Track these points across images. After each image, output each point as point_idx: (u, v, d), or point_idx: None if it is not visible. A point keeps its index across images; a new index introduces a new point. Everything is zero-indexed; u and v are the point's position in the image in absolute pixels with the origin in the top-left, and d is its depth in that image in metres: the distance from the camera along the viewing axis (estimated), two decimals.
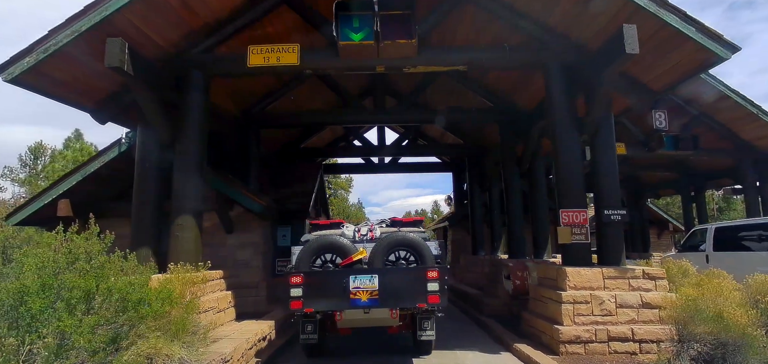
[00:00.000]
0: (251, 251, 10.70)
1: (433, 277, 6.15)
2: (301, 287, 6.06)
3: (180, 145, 7.72)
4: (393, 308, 6.23)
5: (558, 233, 7.60)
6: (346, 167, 20.82)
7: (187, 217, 7.50)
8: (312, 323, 6.45)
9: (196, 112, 7.86)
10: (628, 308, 6.85)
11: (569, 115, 7.97)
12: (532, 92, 10.64)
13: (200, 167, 7.81)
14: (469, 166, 16.26)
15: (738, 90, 12.36)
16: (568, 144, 7.86)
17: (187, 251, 7.39)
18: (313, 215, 13.39)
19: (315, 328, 6.48)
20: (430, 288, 6.12)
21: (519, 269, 9.16)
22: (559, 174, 7.94)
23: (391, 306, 6.18)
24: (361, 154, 18.00)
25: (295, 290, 6.04)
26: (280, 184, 12.94)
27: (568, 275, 6.99)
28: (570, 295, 6.85)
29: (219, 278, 7.85)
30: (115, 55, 6.33)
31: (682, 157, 15.98)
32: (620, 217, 7.72)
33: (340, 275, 6.19)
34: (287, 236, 11.81)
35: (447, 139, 17.28)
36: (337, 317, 6.40)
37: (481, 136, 15.32)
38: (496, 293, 10.55)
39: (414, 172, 20.69)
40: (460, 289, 13.53)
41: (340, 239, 6.65)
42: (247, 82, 10.87)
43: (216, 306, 7.26)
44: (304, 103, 13.81)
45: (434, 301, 6.13)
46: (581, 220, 7.60)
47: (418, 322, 6.61)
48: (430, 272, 6.18)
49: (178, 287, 6.28)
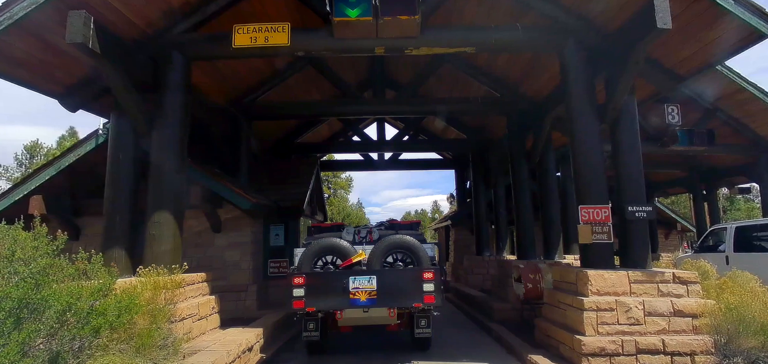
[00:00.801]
0: (241, 251, 9.94)
1: (429, 278, 6.43)
2: (304, 287, 6.36)
3: (158, 135, 6.96)
4: (391, 307, 6.53)
5: (578, 231, 6.83)
6: (345, 164, 20.06)
7: (164, 214, 6.74)
8: (314, 322, 6.72)
9: (176, 99, 7.10)
10: (658, 316, 6.08)
11: (588, 101, 7.20)
12: (543, 81, 9.89)
13: (180, 159, 7.05)
14: (472, 162, 15.50)
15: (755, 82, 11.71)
16: (588, 133, 7.09)
17: (164, 252, 6.64)
18: (308, 213, 12.63)
19: (317, 326, 6.76)
20: (425, 289, 6.40)
21: (531, 271, 8.40)
22: (577, 167, 7.18)
23: (389, 305, 6.50)
24: (360, 150, 17.27)
25: (297, 291, 6.34)
26: (274, 180, 12.18)
27: (591, 279, 6.22)
28: (593, 301, 6.09)
29: (201, 281, 7.09)
30: (78, 29, 5.57)
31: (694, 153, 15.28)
32: (646, 214, 6.96)
33: (340, 276, 6.50)
34: (281, 236, 11.05)
35: (449, 134, 16.52)
36: (338, 316, 6.69)
37: (486, 131, 14.57)
38: (504, 297, 9.79)
39: (415, 169, 20.00)
40: (464, 292, 12.77)
41: (340, 241, 7.09)
42: (237, 70, 10.11)
43: (196, 313, 6.50)
44: (299, 95, 13.07)
45: (430, 301, 6.41)
46: (603, 217, 6.83)
47: (416, 320, 6.87)
48: (426, 273, 6.47)
49: (148, 293, 5.54)
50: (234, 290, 9.66)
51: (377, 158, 18.58)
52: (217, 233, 9.93)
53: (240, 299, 9.63)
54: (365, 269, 6.68)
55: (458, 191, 19.31)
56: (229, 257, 9.86)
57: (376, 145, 16.33)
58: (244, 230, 10.01)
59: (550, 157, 10.74)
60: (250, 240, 10.00)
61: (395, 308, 6.57)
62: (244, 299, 9.65)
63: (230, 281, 9.73)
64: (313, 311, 6.41)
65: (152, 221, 6.70)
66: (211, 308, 7.10)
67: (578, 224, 6.86)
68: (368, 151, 17.24)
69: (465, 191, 19.21)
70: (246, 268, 9.87)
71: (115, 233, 6.74)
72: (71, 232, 9.69)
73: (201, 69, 9.32)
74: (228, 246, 9.91)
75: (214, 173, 9.36)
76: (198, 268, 9.56)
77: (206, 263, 9.76)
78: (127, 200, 6.86)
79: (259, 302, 9.92)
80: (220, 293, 9.44)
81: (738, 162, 15.47)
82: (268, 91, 11.24)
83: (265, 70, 10.82)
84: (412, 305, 6.48)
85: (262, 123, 13.42)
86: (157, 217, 6.70)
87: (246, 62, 9.95)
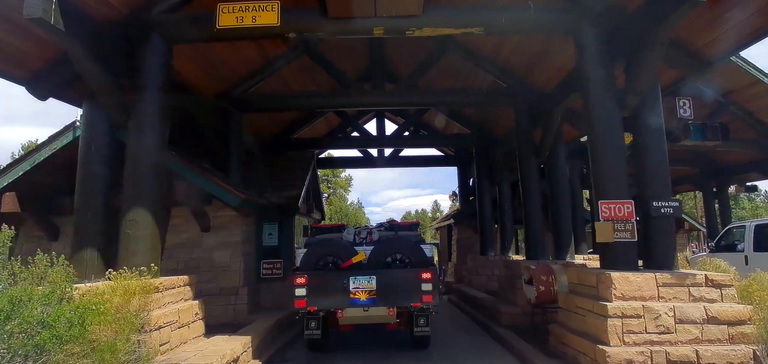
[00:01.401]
0: (231, 252, 9.29)
1: (427, 278, 6.57)
2: (305, 287, 6.50)
3: (135, 125, 6.33)
4: (390, 306, 6.67)
5: (596, 229, 6.19)
6: (343, 161, 19.39)
7: (141, 211, 6.10)
8: (315, 321, 6.82)
9: (155, 86, 6.46)
10: (690, 323, 5.44)
11: (607, 87, 6.56)
12: (553, 70, 9.25)
13: (159, 151, 6.42)
14: (476, 158, 14.85)
15: None
16: (607, 122, 6.46)
17: (140, 253, 6.01)
18: (304, 212, 12.00)
19: (318, 325, 6.86)
20: (424, 288, 6.55)
21: (543, 272, 7.75)
22: (596, 159, 6.54)
23: (388, 305, 6.64)
24: (359, 146, 16.64)
25: (299, 290, 6.48)
26: (268, 177, 11.55)
27: (614, 282, 5.58)
28: (618, 307, 5.45)
29: (183, 285, 6.45)
30: (37, 3, 4.93)
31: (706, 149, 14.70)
32: (672, 210, 6.33)
33: (341, 276, 6.63)
34: (274, 235, 10.41)
35: (452, 129, 15.87)
36: (339, 314, 6.81)
37: (491, 125, 13.93)
38: (513, 300, 9.15)
39: (416, 166, 19.28)
40: (469, 294, 12.12)
41: (341, 242, 7.40)
42: (226, 59, 9.47)
43: (175, 320, 5.86)
44: (294, 87, 12.44)
45: (428, 300, 6.56)
46: (625, 213, 6.19)
47: (415, 319, 6.98)
48: (424, 273, 6.61)
49: (117, 299, 4.91)
50: (223, 293, 9.02)
51: (377, 155, 17.93)
52: (206, 232, 9.28)
53: (230, 303, 8.99)
54: (365, 270, 6.79)
55: (461, 188, 18.66)
56: (219, 258, 9.22)
57: (376, 140, 15.70)
58: (235, 230, 9.37)
59: (560, 151, 10.10)
60: (241, 240, 9.36)
61: (394, 308, 6.72)
62: (234, 303, 9.00)
63: (219, 283, 9.09)
64: (314, 310, 6.59)
65: (127, 219, 6.07)
66: (193, 314, 6.46)
67: (596, 222, 6.21)
68: (367, 147, 16.60)
69: (468, 189, 18.57)
70: (236, 269, 9.23)
71: (86, 232, 6.11)
72: (49, 232, 9.07)
73: (187, 57, 8.68)
74: (217, 246, 9.27)
75: (202, 168, 8.72)
76: (185, 270, 8.96)
77: (194, 265, 9.13)
78: (100, 196, 6.24)
79: (250, 306, 9.28)
80: (209, 297, 8.85)
81: (749, 158, 14.87)
82: (260, 83, 10.59)
83: (256, 59, 10.18)
84: (410, 305, 6.64)
85: (257, 118, 12.80)
86: (132, 215, 6.06)
87: (235, 50, 9.31)
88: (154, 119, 6.38)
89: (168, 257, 9.14)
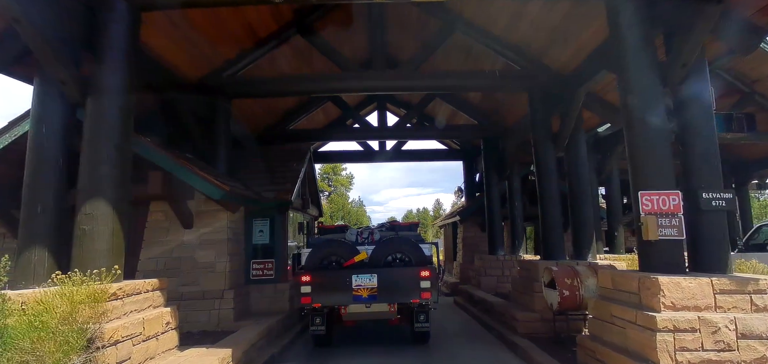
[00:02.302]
0: (216, 250, 8.37)
1: (426, 276, 6.93)
2: (310, 284, 6.89)
3: (93, 103, 5.40)
4: (391, 303, 7.06)
5: (644, 224, 5.23)
6: (343, 156, 18.47)
7: (100, 203, 5.18)
8: (320, 316, 7.15)
9: (119, 57, 5.53)
10: (755, 338, 4.50)
11: (648, 57, 5.61)
12: (575, 48, 8.29)
13: (123, 134, 5.49)
14: (484, 150, 13.90)
15: None
16: (649, 97, 5.51)
17: (99, 253, 5.09)
18: (299, 207, 11.07)
19: (323, 321, 7.18)
20: (423, 286, 6.89)
21: (567, 275, 6.81)
22: (635, 142, 5.60)
23: (389, 301, 7.03)
24: (359, 138, 15.70)
25: (304, 288, 6.89)
26: (259, 170, 10.63)
27: (663, 288, 4.64)
28: (668, 319, 4.50)
29: (151, 289, 5.53)
30: None
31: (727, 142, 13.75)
32: (725, 203, 5.38)
33: (344, 273, 7.02)
34: (265, 232, 9.48)
35: (458, 119, 14.91)
36: (342, 310, 7.18)
37: (501, 114, 12.97)
38: (529, 305, 8.21)
39: (419, 160, 18.38)
40: (478, 297, 11.18)
41: (344, 242, 7.77)
42: (209, 36, 8.53)
43: (139, 332, 4.95)
44: (288, 73, 11.50)
45: (426, 297, 6.90)
46: (671, 206, 5.24)
47: (415, 315, 7.27)
48: (423, 271, 6.97)
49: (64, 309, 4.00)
50: (207, 297, 8.11)
51: (378, 149, 17.02)
52: (189, 229, 8.37)
53: (214, 308, 8.08)
54: (367, 268, 7.09)
55: (467, 184, 17.73)
56: (202, 257, 8.30)
57: (377, 132, 14.77)
58: (220, 226, 8.45)
59: (580, 140, 9.12)
60: (227, 237, 8.44)
61: (395, 304, 7.10)
62: (219, 308, 8.09)
63: (203, 286, 8.18)
64: (319, 306, 7.00)
65: (83, 213, 5.14)
66: (164, 324, 5.54)
67: (641, 216, 5.26)
68: (368, 139, 15.67)
69: (474, 185, 17.64)
70: (222, 270, 8.31)
71: (35, 229, 5.18)
72: (12, 228, 8.15)
73: (166, 35, 7.80)
74: (200, 244, 8.35)
75: (182, 157, 7.80)
76: (164, 271, 8.06)
77: (174, 266, 8.23)
78: (52, 186, 5.30)
79: (238, 311, 8.37)
80: (190, 301, 7.97)
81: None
82: (249, 66, 9.65)
83: (244, 38, 9.24)
84: (410, 301, 6.99)
85: (249, 109, 11.89)
86: (89, 207, 5.14)
87: (220, 27, 8.38)
88: (117, 96, 5.45)
89: (145, 257, 8.26)
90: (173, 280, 8.16)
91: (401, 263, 7.33)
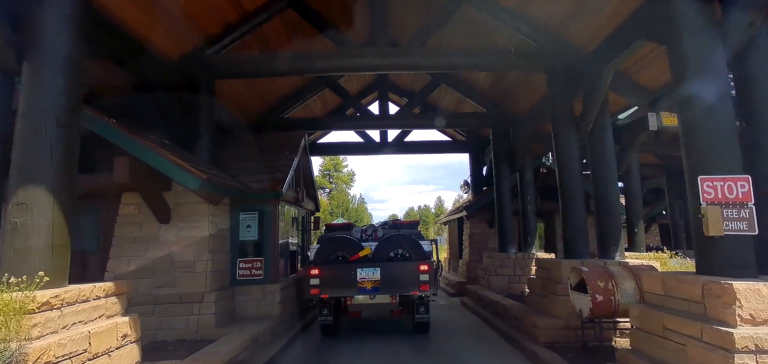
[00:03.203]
0: (196, 248, 7.42)
1: (425, 270, 7.43)
2: (319, 277, 7.41)
3: (30, 67, 4.43)
4: (392, 294, 7.60)
5: (704, 216, 4.24)
6: (342, 148, 17.46)
7: (35, 191, 4.22)
8: (328, 307, 7.73)
9: (62, 19, 4.54)
10: None
11: (705, 16, 4.63)
12: (601, 20, 7.29)
13: (69, 106, 4.51)
14: (494, 140, 12.89)
15: None
16: (707, 63, 4.53)
17: (34, 252, 4.13)
18: (292, 200, 10.10)
19: (330, 311, 7.75)
20: (422, 279, 7.39)
21: (600, 276, 5.83)
22: (689, 119, 4.62)
23: (391, 293, 7.56)
24: (359, 127, 14.71)
25: (313, 280, 7.39)
26: (248, 159, 9.65)
27: (740, 297, 3.66)
28: (749, 336, 3.53)
29: (103, 296, 4.57)
30: None
31: None
32: None
33: (350, 267, 7.53)
34: (254, 227, 8.52)
35: (464, 107, 13.92)
36: (348, 301, 7.77)
37: (512, 100, 11.96)
38: (550, 310, 7.24)
39: (422, 152, 17.38)
40: (489, 298, 10.21)
41: (349, 239, 8.32)
42: (190, 8, 7.57)
43: (83, 350, 4.00)
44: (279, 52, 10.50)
45: (425, 289, 7.42)
46: (739, 194, 4.26)
47: (415, 306, 7.80)
48: (422, 266, 7.47)
49: None
50: (185, 300, 7.15)
51: (379, 140, 16.03)
52: (164, 223, 7.41)
53: (192, 313, 7.12)
54: (371, 263, 7.61)
55: (473, 177, 16.72)
56: (180, 255, 7.35)
57: (379, 120, 13.79)
58: (201, 221, 7.49)
59: (606, 125, 8.12)
60: (208, 233, 7.48)
61: (397, 295, 7.65)
62: (198, 313, 7.13)
63: (180, 288, 7.23)
64: (327, 297, 7.53)
65: (15, 203, 4.18)
66: (119, 337, 4.58)
67: (702, 206, 4.27)
68: (369, 128, 14.67)
69: (481, 178, 16.64)
70: (202, 270, 7.35)
71: None
72: None
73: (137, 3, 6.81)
74: (178, 241, 7.40)
75: (153, 142, 6.83)
76: (136, 272, 7.14)
77: (148, 265, 7.28)
78: None
79: (220, 317, 7.42)
80: (165, 306, 7.04)
81: None
82: (235, 43, 8.69)
83: (228, 11, 8.28)
84: (410, 293, 7.51)
85: (239, 95, 10.93)
86: (22, 196, 4.18)
87: None
88: (60, 60, 4.48)
89: (116, 256, 7.31)
90: (146, 281, 7.23)
91: (402, 258, 7.86)
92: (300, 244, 11.51)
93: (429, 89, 13.51)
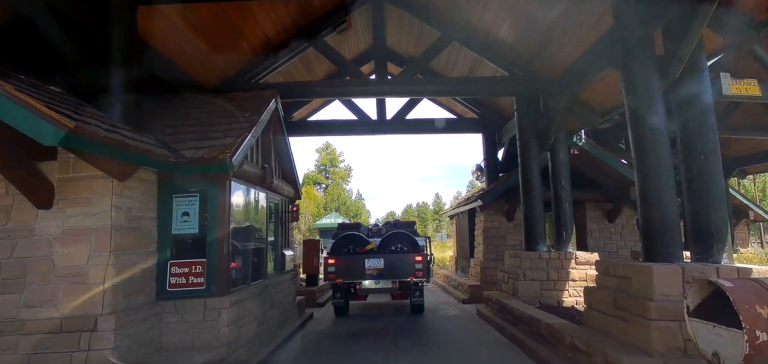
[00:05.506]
0: (91, 244, 4.86)
1: (419, 261, 9.25)
2: (335, 266, 9.29)
3: None
4: (393, 279, 9.51)
5: None
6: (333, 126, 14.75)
7: None
8: (341, 291, 9.74)
9: None
10: None
11: None
12: None
13: None
14: (519, 111, 10.26)
15: None
16: None
17: None
18: (257, 180, 7.49)
19: (343, 294, 9.79)
20: (417, 268, 9.22)
21: (759, 299, 3.29)
22: None
23: (391, 278, 9.46)
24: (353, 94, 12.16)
25: (331, 268, 9.28)
26: (193, 122, 7.06)
27: None
28: None
29: None
30: None
31: None
32: None
33: (359, 258, 9.43)
34: (193, 216, 5.95)
35: (482, 71, 11.34)
36: (357, 285, 9.76)
37: (545, 59, 9.36)
38: (632, 340, 4.69)
39: (426, 132, 14.78)
40: (517, 311, 7.62)
41: (358, 235, 10.21)
42: None
43: None
44: None
45: (420, 276, 9.27)
46: None
47: (412, 291, 9.85)
48: (417, 257, 9.31)
49: None
50: (67, 328, 4.61)
51: (377, 118, 13.49)
52: (45, 209, 4.86)
53: (79, 348, 4.57)
54: (375, 254, 9.50)
55: (488, 161, 14.15)
56: (65, 257, 4.79)
57: (376, 86, 11.18)
58: (100, 203, 4.93)
59: (703, 71, 5.56)
60: (111, 222, 4.92)
61: (396, 281, 9.55)
62: (87, 347, 4.57)
63: (62, 308, 4.68)
64: (341, 282, 9.43)
65: None
66: None
67: None
68: (364, 95, 11.97)
69: (497, 162, 14.09)
70: (98, 279, 4.79)
71: None
72: None
73: None
74: (63, 235, 4.85)
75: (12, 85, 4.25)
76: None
77: (14, 272, 4.73)
78: None
79: (129, 353, 4.87)
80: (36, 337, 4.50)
81: None
82: None
83: None
84: (407, 279, 9.32)
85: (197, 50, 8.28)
86: None
87: None
88: None
89: None
90: (10, 298, 4.68)
91: (401, 251, 9.61)
92: (273, 239, 8.95)
93: (436, 49, 10.81)
